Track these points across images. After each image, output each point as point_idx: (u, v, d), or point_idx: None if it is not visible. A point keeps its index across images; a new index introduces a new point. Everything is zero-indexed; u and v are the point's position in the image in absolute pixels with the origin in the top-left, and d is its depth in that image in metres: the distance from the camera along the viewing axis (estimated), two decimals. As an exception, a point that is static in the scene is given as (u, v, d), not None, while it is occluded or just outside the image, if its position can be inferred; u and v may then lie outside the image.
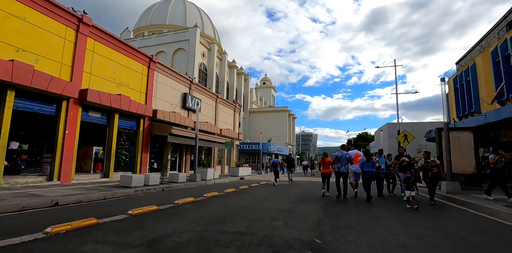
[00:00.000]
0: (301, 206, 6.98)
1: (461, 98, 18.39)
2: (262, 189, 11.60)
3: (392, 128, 31.93)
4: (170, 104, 17.49)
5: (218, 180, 16.21)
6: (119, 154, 13.93)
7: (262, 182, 15.39)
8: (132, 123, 14.57)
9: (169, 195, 9.01)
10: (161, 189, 11.03)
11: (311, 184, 14.76)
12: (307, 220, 5.24)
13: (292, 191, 10.96)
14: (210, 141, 19.64)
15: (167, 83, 17.29)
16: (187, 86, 19.35)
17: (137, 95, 14.56)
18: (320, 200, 8.23)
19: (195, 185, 13.35)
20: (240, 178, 19.56)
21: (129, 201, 7.65)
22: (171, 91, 17.68)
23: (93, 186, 10.16)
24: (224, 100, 25.75)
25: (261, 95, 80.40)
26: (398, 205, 7.44)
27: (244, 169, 22.37)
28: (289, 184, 14.69)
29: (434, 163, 7.50)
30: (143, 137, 14.93)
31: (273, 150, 44.95)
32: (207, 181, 14.93)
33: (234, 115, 27.76)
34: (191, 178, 14.41)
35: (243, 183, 14.98)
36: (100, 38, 12.47)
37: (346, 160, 8.39)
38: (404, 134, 16.65)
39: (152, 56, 15.62)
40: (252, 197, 8.70)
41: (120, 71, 13.58)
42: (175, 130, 15.07)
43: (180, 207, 6.56)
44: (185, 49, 47.99)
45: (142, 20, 57.90)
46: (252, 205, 6.95)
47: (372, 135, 76.97)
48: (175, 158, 18.44)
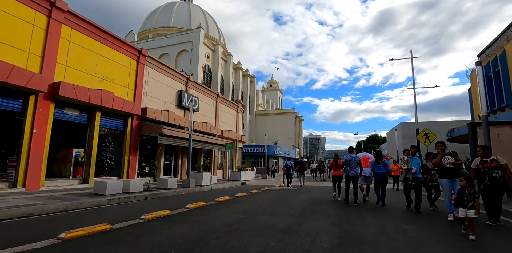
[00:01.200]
0: (307, 222, 5.24)
1: (489, 91, 16.35)
2: (261, 197, 9.87)
3: (407, 128, 29.77)
4: (164, 102, 15.99)
5: (216, 185, 14.54)
6: (103, 157, 12.43)
7: (264, 187, 13.64)
8: (118, 122, 13.08)
9: (144, 206, 7.37)
10: (143, 198, 9.43)
11: (320, 190, 12.94)
12: (314, 249, 3.51)
13: (297, 199, 9.20)
14: (209, 143, 18.03)
15: (160, 79, 15.82)
16: (183, 83, 17.85)
17: (123, 91, 13.09)
18: (331, 211, 6.47)
19: (187, 192, 11.72)
20: (242, 183, 17.86)
21: (87, 214, 6.04)
22: (165, 88, 16.19)
23: (61, 195, 8.61)
24: (226, 99, 24.19)
25: (268, 98, 79.11)
26: (442, 225, 5.34)
27: (247, 173, 20.66)
28: (295, 190, 12.93)
29: (495, 163, 5.11)
30: (131, 138, 13.41)
31: (279, 153, 43.10)
32: (202, 187, 13.29)
33: (236, 116, 26.15)
34: (184, 183, 12.78)
35: (243, 189, 13.27)
36: (78, 26, 11.06)
37: (355, 163, 8.10)
38: (425, 132, 14.68)
39: (142, 49, 14.18)
40: (247, 208, 6.98)
41: (103, 64, 12.15)
42: (166, 130, 13.50)
43: (143, 225, 4.90)
44: (189, 50, 47.02)
45: (146, 23, 57.36)
46: (241, 221, 5.24)
47: (382, 137, 74.27)
48: (169, 162, 16.87)
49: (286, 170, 14.85)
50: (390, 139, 36.86)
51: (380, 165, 7.97)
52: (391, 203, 8.18)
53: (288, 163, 15.20)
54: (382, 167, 7.94)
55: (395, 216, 5.96)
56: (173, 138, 14.22)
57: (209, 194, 10.91)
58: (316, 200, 8.92)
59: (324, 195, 10.51)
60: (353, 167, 8.05)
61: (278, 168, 41.56)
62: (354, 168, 8.05)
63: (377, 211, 6.58)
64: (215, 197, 8.98)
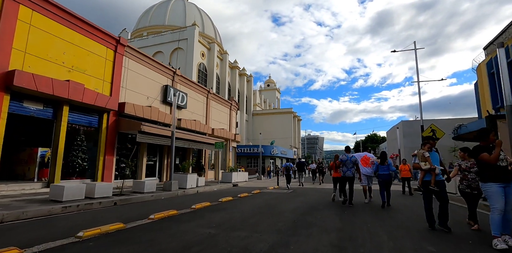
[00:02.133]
0: (296, 242, 3.91)
1: (498, 86, 15.08)
2: (249, 202, 8.52)
3: (408, 126, 28.56)
4: (147, 97, 14.64)
5: (203, 188, 13.21)
6: (74, 157, 11.07)
7: (255, 190, 12.31)
8: (91, 118, 11.72)
9: (101, 216, 6.03)
10: (112, 203, 8.10)
11: (317, 193, 11.61)
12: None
13: (290, 204, 7.88)
14: (197, 142, 16.68)
15: (143, 72, 14.47)
16: (169, 77, 16.50)
17: (97, 84, 11.73)
18: (329, 223, 5.15)
19: (167, 196, 10.39)
20: (234, 185, 16.53)
21: (13, 230, 4.68)
22: (148, 83, 14.84)
23: (9, 201, 7.25)
24: (218, 96, 22.84)
25: (265, 98, 78.07)
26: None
27: (240, 174, 19.31)
28: (290, 193, 11.62)
29: None
30: (107, 136, 12.04)
31: (276, 153, 41.74)
32: (187, 190, 11.95)
33: (230, 114, 24.80)
34: (165, 186, 11.45)
35: (232, 192, 11.94)
36: (41, 8, 9.70)
37: (351, 164, 7.91)
38: (431, 129, 13.41)
39: (120, 38, 12.83)
40: (225, 219, 5.65)
41: (72, 53, 10.79)
42: (146, 127, 12.15)
43: (69, 248, 3.56)
44: (184, 48, 45.77)
45: (141, 21, 56.07)
46: (207, 241, 3.91)
47: (381, 137, 73.08)
48: (153, 162, 15.50)
49: (286, 172, 15.01)
50: (391, 138, 35.63)
51: (384, 166, 7.95)
52: (400, 209, 6.88)
53: (287, 164, 15.30)
54: (386, 168, 7.93)
55: (411, 231, 4.65)
56: (155, 136, 12.87)
57: (191, 199, 9.57)
58: (312, 206, 7.59)
59: (321, 200, 9.19)
60: (349, 167, 7.93)
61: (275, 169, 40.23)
62: (350, 169, 7.92)
63: (386, 222, 5.25)
64: (194, 203, 7.64)
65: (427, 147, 4.89)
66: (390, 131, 37.17)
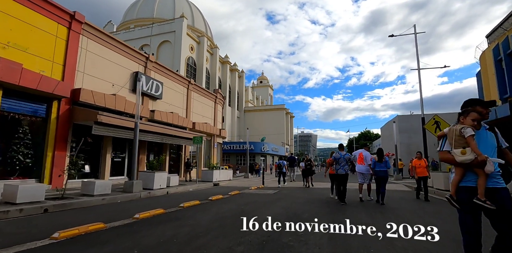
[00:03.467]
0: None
1: (508, 72, 13.61)
2: (215, 209, 6.76)
3: (404, 121, 27.11)
4: (112, 84, 12.75)
5: (176, 188, 11.44)
6: (14, 153, 9.17)
7: (234, 191, 10.57)
8: (36, 106, 9.81)
9: None
10: (41, 211, 6.30)
11: (305, 195, 9.93)
12: None
13: (267, 212, 6.15)
14: (173, 136, 14.87)
15: (107, 56, 12.56)
16: (141, 63, 14.61)
17: (45, 66, 9.81)
18: (313, 245, 3.46)
19: (125, 199, 8.62)
20: (214, 184, 14.80)
21: None
22: (114, 68, 12.94)
23: None
24: (201, 88, 20.97)
25: (258, 94, 76.53)
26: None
27: (223, 172, 17.55)
28: (273, 195, 9.93)
29: None
30: (57, 128, 10.15)
31: (267, 150, 40.06)
32: (154, 191, 10.18)
33: (215, 107, 22.95)
34: (125, 187, 9.65)
35: (205, 193, 10.20)
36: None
37: (344, 161, 7.86)
38: (435, 121, 11.82)
39: (75, 13, 10.87)
40: (165, 238, 3.90)
41: (9, 26, 8.85)
42: (104, 117, 10.30)
43: None
44: (171, 41, 43.72)
45: (128, 14, 53.70)
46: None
47: (375, 134, 72.02)
48: (121, 159, 13.64)
49: (278, 169, 14.49)
50: (385, 135, 34.24)
51: (381, 164, 7.95)
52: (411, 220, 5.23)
53: (280, 162, 14.68)
54: (383, 165, 7.94)
55: None
56: (116, 127, 11.02)
57: (148, 203, 7.80)
58: (295, 214, 5.90)
59: (308, 204, 7.52)
60: (342, 165, 7.85)
61: (266, 166, 38.56)
62: (343, 166, 7.85)
63: (396, 246, 3.57)
64: (146, 209, 5.89)
65: (472, 119, 2.43)
66: (384, 127, 35.77)
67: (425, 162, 8.84)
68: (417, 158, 9.04)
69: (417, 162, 8.86)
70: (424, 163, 8.80)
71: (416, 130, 27.09)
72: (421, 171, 8.73)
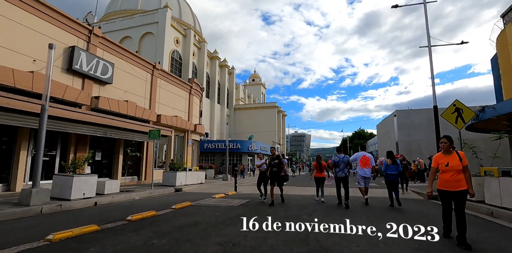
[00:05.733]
0: None
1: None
2: (98, 247, 3.79)
3: (403, 116, 24.42)
4: (33, 60, 9.67)
5: (112, 197, 8.42)
6: None
7: (185, 203, 7.54)
8: None
9: None
10: None
11: (275, 212, 7.00)
12: None
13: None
14: (123, 129, 11.83)
15: (25, 22, 9.48)
16: (81, 37, 11.51)
17: None
18: None
19: (13, 217, 5.61)
20: (176, 190, 11.83)
21: None
22: (38, 39, 9.84)
23: None
24: (170, 75, 17.87)
25: (250, 93, 73.86)
26: None
27: (193, 174, 14.46)
28: (232, 211, 6.98)
29: None
30: None
31: (255, 149, 37.14)
32: (70, 202, 7.18)
33: (190, 99, 19.87)
34: (21, 198, 6.63)
35: (148, 205, 7.22)
36: None
37: (343, 164, 7.55)
38: (455, 107, 8.97)
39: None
40: None
41: None
42: (-3, 98, 7.25)
43: None
44: (154, 33, 40.52)
45: (111, 5, 50.38)
46: None
47: (369, 133, 69.73)
48: (50, 158, 10.53)
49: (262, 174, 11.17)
50: (382, 132, 31.59)
51: (392, 166, 7.78)
52: None
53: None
54: (395, 168, 7.78)
55: None
56: (8, 112, 7.92)
57: (37, 224, 4.79)
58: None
59: (278, 235, 4.55)
60: (341, 168, 7.57)
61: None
62: (343, 169, 7.57)
63: None
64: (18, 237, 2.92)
65: None
66: (381, 124, 33.14)
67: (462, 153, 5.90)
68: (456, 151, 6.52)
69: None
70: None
71: (417, 126, 24.43)
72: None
